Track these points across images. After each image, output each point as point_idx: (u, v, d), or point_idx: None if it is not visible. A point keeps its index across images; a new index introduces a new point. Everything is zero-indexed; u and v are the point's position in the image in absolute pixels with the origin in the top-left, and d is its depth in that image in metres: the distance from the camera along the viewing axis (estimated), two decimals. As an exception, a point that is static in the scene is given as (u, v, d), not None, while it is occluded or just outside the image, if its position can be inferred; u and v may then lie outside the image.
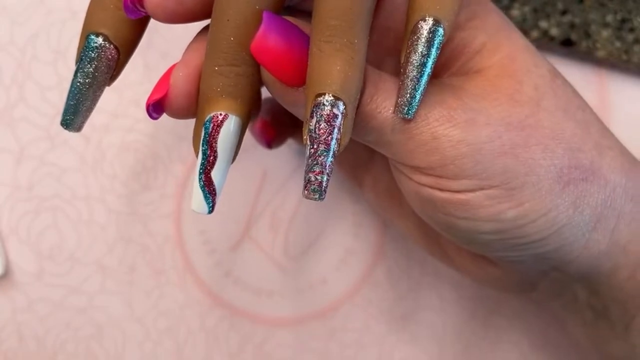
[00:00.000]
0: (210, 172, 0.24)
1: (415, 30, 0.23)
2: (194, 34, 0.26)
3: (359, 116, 0.24)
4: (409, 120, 0.24)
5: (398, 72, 0.24)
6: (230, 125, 0.24)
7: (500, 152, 0.24)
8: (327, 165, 0.22)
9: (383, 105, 0.24)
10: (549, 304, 0.32)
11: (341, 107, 0.22)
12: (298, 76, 0.23)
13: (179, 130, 0.38)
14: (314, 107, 0.22)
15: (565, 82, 0.27)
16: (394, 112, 0.24)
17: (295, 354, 0.38)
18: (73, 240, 0.37)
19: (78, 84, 0.25)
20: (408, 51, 0.23)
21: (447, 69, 0.27)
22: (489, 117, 0.25)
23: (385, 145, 0.25)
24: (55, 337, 0.38)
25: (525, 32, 0.37)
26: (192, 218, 0.38)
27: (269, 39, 0.22)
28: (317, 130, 0.22)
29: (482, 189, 0.25)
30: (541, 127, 0.25)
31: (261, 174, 0.38)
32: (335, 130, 0.22)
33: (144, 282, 0.38)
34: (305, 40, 0.23)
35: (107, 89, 0.26)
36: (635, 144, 0.31)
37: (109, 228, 0.38)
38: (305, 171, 0.23)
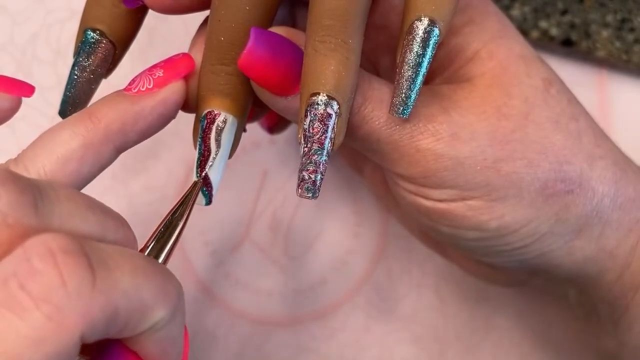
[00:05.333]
0: (204, 166, 0.25)
1: (411, 30, 0.23)
2: (194, 33, 0.26)
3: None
4: (395, 132, 0.24)
5: (393, 70, 0.24)
6: (222, 122, 0.24)
7: (483, 166, 0.25)
8: (321, 164, 0.23)
9: (370, 116, 0.24)
10: (541, 298, 0.33)
11: (335, 106, 0.22)
12: (286, 87, 0.23)
13: (179, 131, 0.38)
14: (308, 106, 0.22)
15: (561, 90, 0.27)
16: (389, 112, 0.24)
17: (295, 354, 0.38)
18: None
19: (75, 76, 0.26)
20: (403, 51, 0.23)
21: (439, 74, 0.28)
22: (474, 132, 0.25)
23: (371, 153, 0.26)
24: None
25: (525, 32, 0.37)
26: (193, 219, 0.38)
27: (255, 55, 0.22)
28: (311, 129, 0.22)
29: (464, 199, 0.25)
30: (528, 141, 0.25)
31: (261, 174, 0.38)
32: (329, 129, 0.22)
33: (144, 282, 0.38)
34: (294, 51, 0.23)
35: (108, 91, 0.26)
36: (634, 144, 0.31)
37: (109, 228, 0.38)
38: (300, 170, 0.23)
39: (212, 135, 0.24)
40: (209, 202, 0.25)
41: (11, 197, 0.18)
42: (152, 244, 0.23)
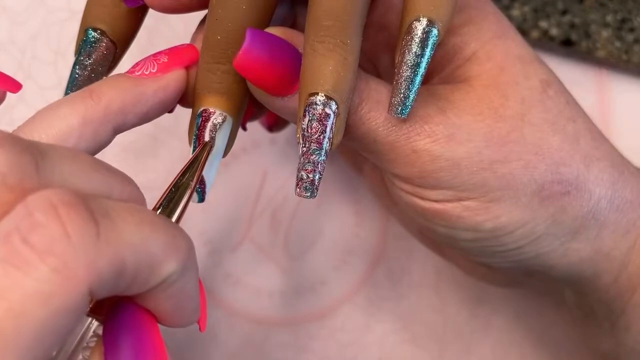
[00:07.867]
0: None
1: (410, 31, 0.23)
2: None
3: None
4: (391, 133, 0.24)
5: (393, 69, 0.24)
6: (216, 120, 0.24)
7: (479, 167, 0.25)
8: (319, 164, 0.23)
9: (367, 117, 0.24)
10: (540, 299, 0.33)
11: (333, 106, 0.22)
12: (283, 87, 0.23)
13: (179, 131, 0.38)
14: (306, 106, 0.22)
15: (559, 91, 0.27)
16: (388, 112, 0.24)
17: (295, 354, 0.38)
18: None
19: (76, 75, 0.26)
20: (402, 51, 0.23)
21: (436, 74, 0.28)
22: (470, 132, 0.25)
23: (369, 153, 0.26)
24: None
25: (525, 32, 0.37)
26: (192, 219, 0.38)
27: (250, 55, 0.22)
28: (309, 129, 0.22)
29: (460, 200, 0.25)
30: (524, 143, 0.25)
31: (261, 174, 0.38)
32: (328, 129, 0.22)
33: (143, 282, 0.38)
34: (290, 52, 0.23)
35: None
36: (634, 144, 0.31)
37: (109, 228, 0.38)
38: (298, 169, 0.23)
39: (207, 133, 0.24)
40: (202, 199, 0.25)
41: (10, 158, 0.18)
42: (163, 204, 0.23)
